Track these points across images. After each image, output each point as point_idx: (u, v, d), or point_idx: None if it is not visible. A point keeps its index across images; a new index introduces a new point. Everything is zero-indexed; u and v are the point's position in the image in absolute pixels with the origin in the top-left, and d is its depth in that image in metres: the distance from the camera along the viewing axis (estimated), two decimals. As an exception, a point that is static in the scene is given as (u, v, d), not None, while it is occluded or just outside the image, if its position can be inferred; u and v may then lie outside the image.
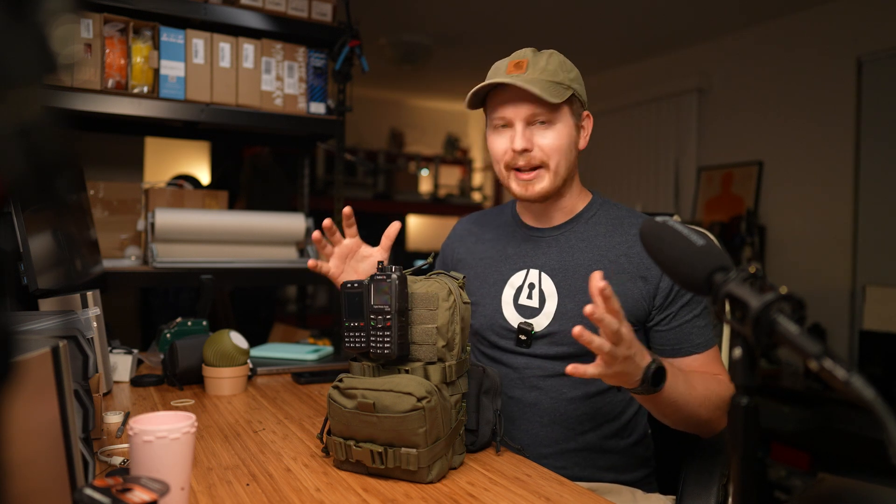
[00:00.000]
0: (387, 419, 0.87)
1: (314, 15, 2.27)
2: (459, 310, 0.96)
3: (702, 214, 3.88)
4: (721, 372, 1.10)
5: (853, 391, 0.45)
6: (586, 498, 0.87)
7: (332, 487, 0.87)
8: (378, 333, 0.93)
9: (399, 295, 0.92)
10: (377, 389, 0.88)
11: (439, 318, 0.93)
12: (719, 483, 1.05)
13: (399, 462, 0.88)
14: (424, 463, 0.87)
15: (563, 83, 1.09)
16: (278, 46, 2.21)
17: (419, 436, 0.86)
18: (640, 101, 4.32)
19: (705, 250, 0.61)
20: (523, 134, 1.10)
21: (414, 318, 0.94)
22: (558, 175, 1.12)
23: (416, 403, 0.86)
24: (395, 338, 0.92)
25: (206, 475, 0.90)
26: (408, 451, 0.87)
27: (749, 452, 0.53)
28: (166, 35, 2.02)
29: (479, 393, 1.04)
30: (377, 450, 0.89)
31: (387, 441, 0.88)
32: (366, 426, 0.89)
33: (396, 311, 0.92)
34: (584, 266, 1.14)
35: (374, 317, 0.93)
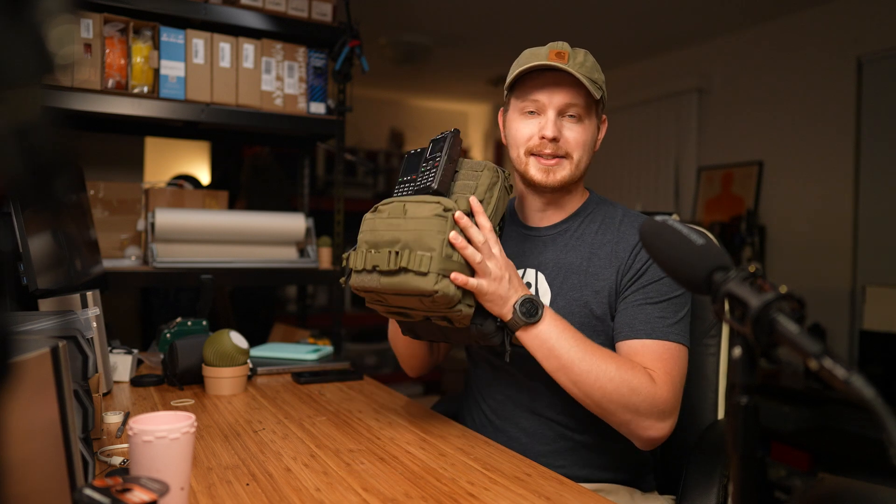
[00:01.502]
0: (412, 221, 0.95)
1: (314, 15, 2.27)
2: (501, 186, 1.03)
3: (702, 214, 3.88)
4: (657, 370, 1.02)
5: (853, 391, 0.45)
6: (586, 498, 0.87)
7: (331, 487, 0.87)
8: (426, 174, 1.01)
9: (451, 145, 1.02)
10: (409, 200, 0.98)
11: (480, 178, 1.02)
12: (719, 483, 1.05)
13: (412, 263, 0.93)
14: (435, 268, 0.92)
15: (597, 82, 1.11)
16: (278, 46, 2.21)
17: (437, 240, 0.93)
18: (640, 101, 4.32)
19: (705, 249, 0.61)
20: (555, 123, 1.10)
21: (458, 176, 1.03)
22: (578, 169, 1.14)
23: (443, 211, 0.95)
24: (440, 174, 0.99)
25: (206, 475, 0.90)
26: (423, 253, 0.93)
27: (749, 452, 0.53)
28: (166, 35, 2.02)
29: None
30: (395, 249, 0.95)
31: (406, 243, 0.94)
32: (391, 230, 0.96)
33: (446, 155, 1.01)
34: (576, 264, 1.14)
35: (425, 164, 1.02)
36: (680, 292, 1.09)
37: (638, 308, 1.07)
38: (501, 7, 3.44)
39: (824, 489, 0.95)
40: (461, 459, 1.00)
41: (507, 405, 1.17)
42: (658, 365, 1.03)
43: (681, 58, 4.13)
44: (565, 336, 1.00)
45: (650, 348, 1.04)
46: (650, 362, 1.03)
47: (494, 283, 0.98)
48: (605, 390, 0.98)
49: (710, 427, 1.23)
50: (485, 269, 0.97)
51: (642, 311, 1.06)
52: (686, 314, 1.09)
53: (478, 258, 0.96)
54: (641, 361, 1.03)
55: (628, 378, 0.98)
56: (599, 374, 0.98)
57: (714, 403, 1.26)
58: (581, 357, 0.99)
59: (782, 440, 2.92)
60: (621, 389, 0.98)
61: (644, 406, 0.99)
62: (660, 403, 1.00)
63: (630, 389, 0.98)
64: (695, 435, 1.22)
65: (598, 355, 0.99)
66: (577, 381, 0.99)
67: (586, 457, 1.14)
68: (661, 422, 1.01)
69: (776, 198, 3.53)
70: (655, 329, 1.05)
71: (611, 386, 0.98)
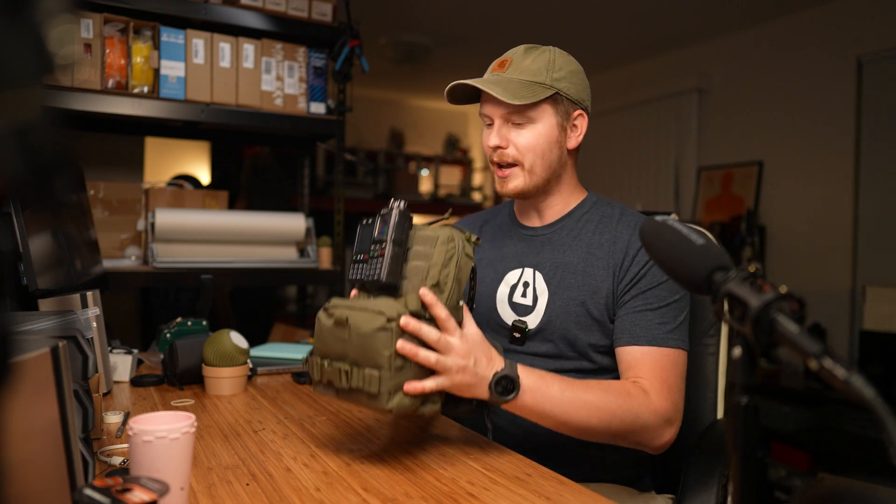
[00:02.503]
0: (356, 336, 0.88)
1: (314, 15, 2.28)
2: (458, 258, 0.94)
3: (702, 214, 3.88)
4: (652, 381, 1.03)
5: (853, 391, 0.45)
6: (586, 497, 0.87)
7: (331, 487, 0.87)
8: (374, 261, 0.94)
9: (397, 225, 0.94)
10: (354, 308, 0.90)
11: (434, 258, 0.93)
12: (719, 482, 1.05)
13: (362, 383, 0.88)
14: (385, 388, 0.86)
15: (543, 83, 1.09)
16: (278, 46, 2.21)
17: (383, 357, 0.86)
18: (640, 101, 4.32)
19: (705, 249, 0.61)
20: (499, 132, 1.12)
21: (411, 254, 0.95)
22: (534, 174, 1.13)
23: (385, 323, 0.86)
24: (387, 263, 0.92)
25: (206, 475, 0.90)
26: (371, 372, 0.87)
27: (749, 452, 0.53)
28: (166, 35, 2.02)
29: None
30: (345, 368, 0.89)
31: (355, 360, 0.89)
32: (338, 343, 0.90)
33: (392, 240, 0.93)
34: (574, 263, 1.15)
35: (374, 246, 0.95)
36: (679, 296, 1.09)
37: (638, 315, 1.07)
38: (501, 7, 3.44)
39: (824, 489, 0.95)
40: (461, 459, 1.00)
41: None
42: (655, 373, 1.04)
43: (681, 58, 4.13)
44: (551, 396, 0.95)
45: (650, 356, 1.05)
46: (647, 371, 1.04)
47: (458, 375, 0.90)
48: (611, 427, 0.99)
49: (710, 427, 1.23)
50: (444, 365, 0.89)
51: (643, 318, 1.07)
52: (685, 317, 1.10)
53: (432, 359, 0.88)
54: (640, 369, 1.05)
55: (626, 406, 0.99)
56: (601, 415, 0.97)
57: (713, 403, 1.26)
58: (575, 409, 0.96)
59: (782, 440, 2.92)
60: (625, 420, 0.99)
61: (650, 423, 1.01)
62: (662, 413, 1.01)
63: (633, 416, 0.99)
64: (694, 435, 1.22)
65: (590, 398, 0.97)
66: (580, 429, 0.99)
67: (583, 453, 1.14)
68: (667, 428, 1.03)
69: (776, 198, 3.53)
70: (655, 336, 1.06)
71: (615, 422, 0.98)
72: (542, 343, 1.14)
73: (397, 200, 0.96)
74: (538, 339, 1.15)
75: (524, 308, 1.16)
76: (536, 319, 1.15)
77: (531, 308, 1.16)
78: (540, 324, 1.14)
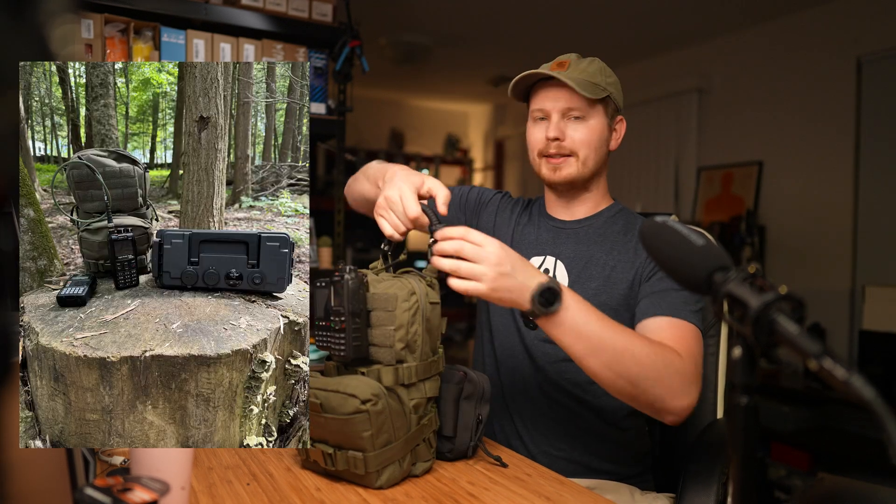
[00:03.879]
0: (333, 420, 0.85)
1: (314, 15, 2.28)
2: (423, 311, 0.93)
3: (702, 214, 3.88)
4: (678, 346, 1.02)
5: (853, 391, 0.45)
6: (586, 497, 0.87)
7: (332, 487, 0.87)
8: (336, 335, 0.90)
9: (352, 297, 0.89)
10: (327, 390, 0.87)
11: (398, 320, 0.90)
12: (719, 482, 1.05)
13: (347, 465, 0.86)
14: (372, 468, 0.85)
15: (600, 84, 1.17)
16: (279, 47, 2.21)
17: (364, 439, 0.84)
18: (640, 101, 4.32)
19: (705, 250, 0.61)
20: (557, 125, 1.18)
21: (374, 319, 0.91)
22: (586, 166, 1.20)
23: (360, 406, 0.84)
24: (350, 340, 0.89)
25: (207, 475, 0.90)
26: (354, 454, 0.86)
27: (749, 452, 0.53)
28: (167, 35, 2.02)
29: (459, 398, 1.00)
30: (328, 451, 0.88)
31: (336, 443, 0.87)
32: (317, 426, 0.88)
33: (350, 313, 0.89)
34: (597, 257, 1.19)
35: (334, 318, 0.90)
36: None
37: (663, 293, 1.09)
38: (501, 7, 3.44)
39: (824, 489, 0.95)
40: (461, 459, 1.00)
41: (516, 384, 1.21)
42: (679, 342, 1.02)
43: (681, 58, 4.13)
44: (591, 319, 0.94)
45: (674, 325, 1.05)
46: (672, 339, 1.03)
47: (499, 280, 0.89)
48: (643, 365, 0.95)
49: (710, 426, 1.23)
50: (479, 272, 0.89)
51: (667, 295, 1.09)
52: (701, 309, 1.12)
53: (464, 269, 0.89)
54: (663, 336, 1.03)
55: (659, 352, 0.97)
56: (634, 351, 0.95)
57: (713, 403, 1.26)
58: (611, 336, 0.94)
59: (782, 440, 2.92)
60: (656, 364, 0.96)
61: (676, 379, 0.97)
62: (688, 374, 0.99)
63: (663, 363, 0.96)
64: (694, 434, 1.22)
65: (627, 333, 0.97)
66: (610, 362, 0.94)
67: (588, 442, 1.16)
68: (691, 390, 0.99)
69: (776, 198, 3.53)
70: (679, 310, 1.07)
71: (647, 361, 0.95)
72: None
73: (347, 271, 0.90)
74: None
75: None
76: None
77: None
78: None
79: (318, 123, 2.32)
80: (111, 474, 0.87)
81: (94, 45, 1.91)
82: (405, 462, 0.90)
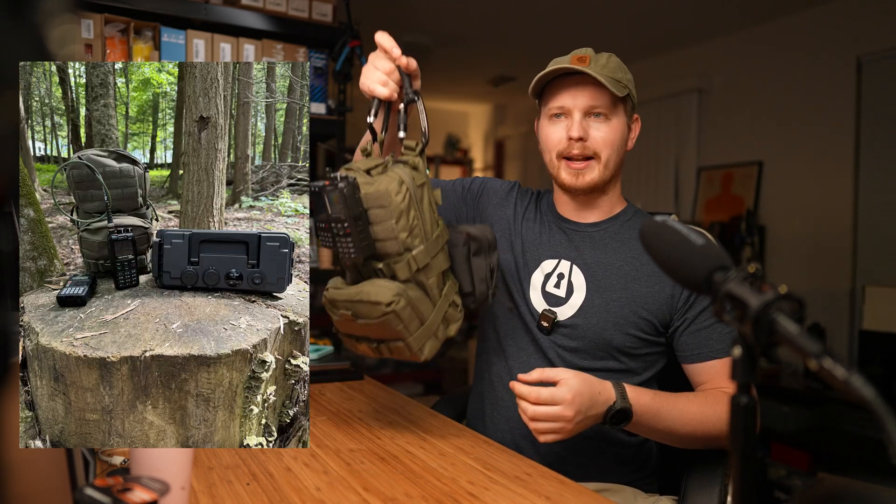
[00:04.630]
0: (366, 325, 0.94)
1: (315, 15, 2.28)
2: (414, 195, 0.95)
3: (702, 214, 3.88)
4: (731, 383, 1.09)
5: (853, 391, 0.45)
6: (587, 497, 0.87)
7: (332, 487, 0.87)
8: (341, 240, 0.94)
9: (350, 202, 0.92)
10: (352, 301, 0.94)
11: (395, 212, 0.93)
12: (721, 483, 1.05)
13: (392, 353, 0.97)
14: (415, 348, 0.95)
15: (621, 81, 1.13)
16: (279, 47, 2.21)
17: (401, 331, 0.93)
18: (640, 101, 4.28)
19: (705, 250, 0.61)
20: (581, 123, 1.12)
21: (372, 217, 0.94)
22: (608, 169, 1.15)
23: (385, 310, 0.91)
24: (357, 242, 0.93)
25: (207, 475, 0.90)
26: (396, 343, 0.95)
27: (749, 452, 0.53)
28: (167, 35, 2.02)
29: (469, 256, 1.04)
30: (372, 345, 0.98)
31: (377, 337, 0.96)
32: (356, 329, 0.97)
33: (352, 218, 0.92)
34: (617, 265, 1.16)
35: (335, 224, 0.94)
36: None
37: (709, 329, 1.11)
38: (501, 7, 3.44)
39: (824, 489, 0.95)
40: (461, 459, 1.00)
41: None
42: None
43: (681, 58, 4.13)
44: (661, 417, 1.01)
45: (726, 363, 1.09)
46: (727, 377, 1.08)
47: (572, 426, 0.96)
48: (710, 436, 1.04)
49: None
50: (558, 427, 0.96)
51: (714, 332, 1.11)
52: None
53: (546, 427, 0.96)
54: (723, 379, 1.10)
55: (717, 405, 1.04)
56: (703, 426, 1.03)
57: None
58: (681, 424, 1.02)
59: (782, 440, 2.92)
60: (719, 426, 1.03)
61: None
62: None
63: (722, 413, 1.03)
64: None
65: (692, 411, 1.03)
66: (683, 440, 1.05)
67: (598, 447, 1.15)
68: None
69: (776, 198, 3.53)
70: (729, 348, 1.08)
71: (711, 422, 1.03)
72: (572, 339, 1.15)
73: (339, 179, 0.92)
74: (567, 334, 1.15)
75: (556, 299, 1.17)
76: (568, 312, 1.15)
77: (563, 300, 1.16)
78: (572, 318, 1.15)
79: (318, 123, 2.32)
80: (111, 474, 0.87)
81: (93, 45, 1.91)
82: (441, 331, 0.99)
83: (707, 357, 1.10)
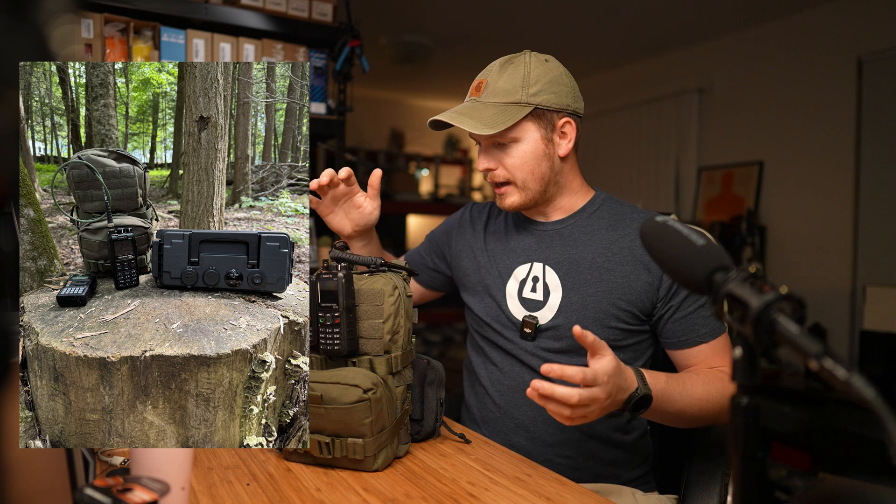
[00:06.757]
0: (334, 410, 0.90)
1: (314, 15, 2.28)
2: (404, 303, 0.99)
3: (702, 214, 3.88)
4: (726, 364, 1.10)
5: (853, 391, 0.45)
6: (587, 498, 0.87)
7: (332, 487, 0.87)
8: (328, 330, 0.95)
9: (346, 292, 0.95)
10: (325, 382, 0.91)
11: (385, 313, 0.97)
12: (721, 483, 1.05)
13: (346, 452, 0.91)
14: (370, 452, 0.91)
15: (519, 101, 1.10)
16: (279, 46, 2.21)
17: (365, 426, 0.90)
18: (640, 101, 4.32)
19: (705, 250, 0.61)
20: (486, 154, 1.16)
21: (361, 313, 0.97)
22: (527, 189, 1.15)
23: (363, 395, 0.89)
24: (345, 334, 0.95)
25: (207, 475, 0.90)
26: (354, 441, 0.91)
27: (749, 452, 0.53)
28: (167, 35, 2.02)
29: (424, 384, 1.08)
30: (324, 440, 0.92)
31: (334, 432, 0.92)
32: (314, 417, 0.92)
33: (344, 309, 0.95)
34: (589, 259, 1.14)
35: (323, 314, 0.95)
36: None
37: (694, 315, 1.11)
38: (501, 7, 3.44)
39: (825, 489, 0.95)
40: (461, 459, 1.00)
41: (517, 393, 1.18)
42: (725, 358, 1.10)
43: (681, 58, 4.13)
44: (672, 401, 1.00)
45: (716, 347, 1.11)
46: (720, 359, 1.10)
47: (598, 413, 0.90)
48: (715, 413, 1.05)
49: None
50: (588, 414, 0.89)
51: (698, 316, 1.11)
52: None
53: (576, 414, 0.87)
54: (712, 360, 1.10)
55: (721, 389, 1.05)
56: (708, 405, 1.03)
57: (714, 403, 1.26)
58: (689, 405, 1.02)
59: (783, 440, 2.92)
60: (722, 402, 1.04)
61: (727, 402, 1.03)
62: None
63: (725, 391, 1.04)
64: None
65: (698, 392, 1.03)
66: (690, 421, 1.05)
67: (593, 448, 1.15)
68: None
69: (776, 198, 3.53)
70: (714, 328, 1.11)
71: (718, 407, 1.04)
72: (556, 340, 1.14)
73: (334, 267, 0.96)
74: (550, 336, 1.15)
75: (534, 303, 1.16)
76: (548, 315, 1.15)
77: (542, 303, 1.16)
78: (553, 320, 1.14)
79: (318, 123, 2.32)
80: (111, 474, 0.87)
81: (93, 44, 1.91)
82: (395, 444, 0.97)
83: (695, 342, 1.10)
